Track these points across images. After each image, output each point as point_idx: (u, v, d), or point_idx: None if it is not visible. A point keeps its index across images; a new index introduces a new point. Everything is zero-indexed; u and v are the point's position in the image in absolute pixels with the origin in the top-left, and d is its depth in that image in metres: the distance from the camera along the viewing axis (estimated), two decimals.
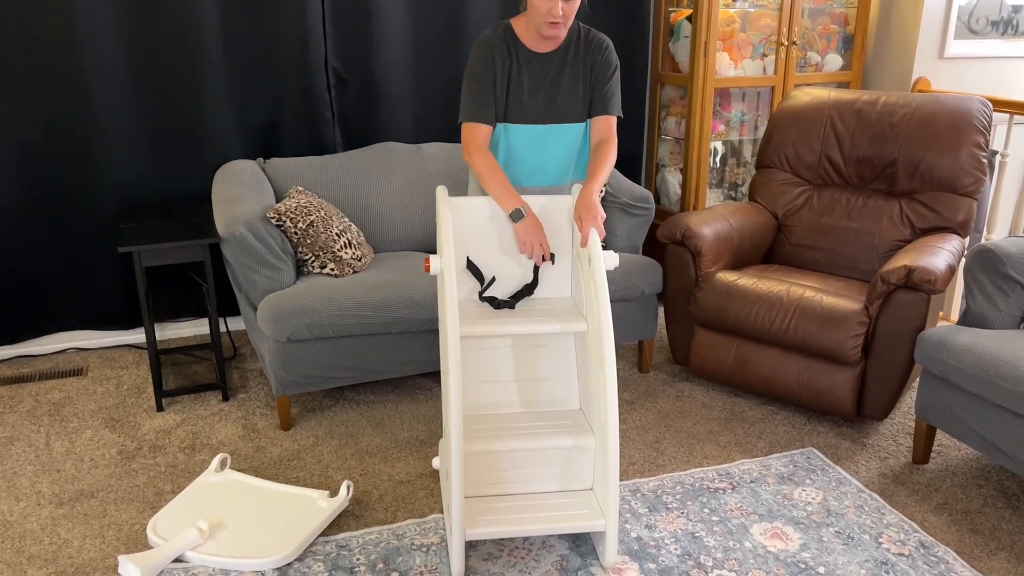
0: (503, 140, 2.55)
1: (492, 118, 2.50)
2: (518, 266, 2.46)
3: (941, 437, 2.99)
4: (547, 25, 2.39)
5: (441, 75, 3.83)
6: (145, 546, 2.38)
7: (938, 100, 3.29)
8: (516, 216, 2.39)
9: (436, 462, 2.66)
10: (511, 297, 2.44)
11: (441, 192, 2.37)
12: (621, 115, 2.61)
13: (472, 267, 2.45)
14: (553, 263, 2.47)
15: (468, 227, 2.44)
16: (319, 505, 2.51)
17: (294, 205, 3.09)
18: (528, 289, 2.45)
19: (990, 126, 3.22)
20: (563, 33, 2.43)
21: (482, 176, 2.44)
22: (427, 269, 2.26)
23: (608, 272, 2.79)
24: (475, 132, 2.48)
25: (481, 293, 2.44)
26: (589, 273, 2.26)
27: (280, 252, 2.99)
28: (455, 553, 2.17)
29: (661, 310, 4.06)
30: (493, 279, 2.46)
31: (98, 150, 3.44)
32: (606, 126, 2.57)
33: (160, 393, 3.15)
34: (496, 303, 2.40)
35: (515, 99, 2.51)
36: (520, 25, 2.50)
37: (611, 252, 2.32)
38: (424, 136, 3.89)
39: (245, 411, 3.15)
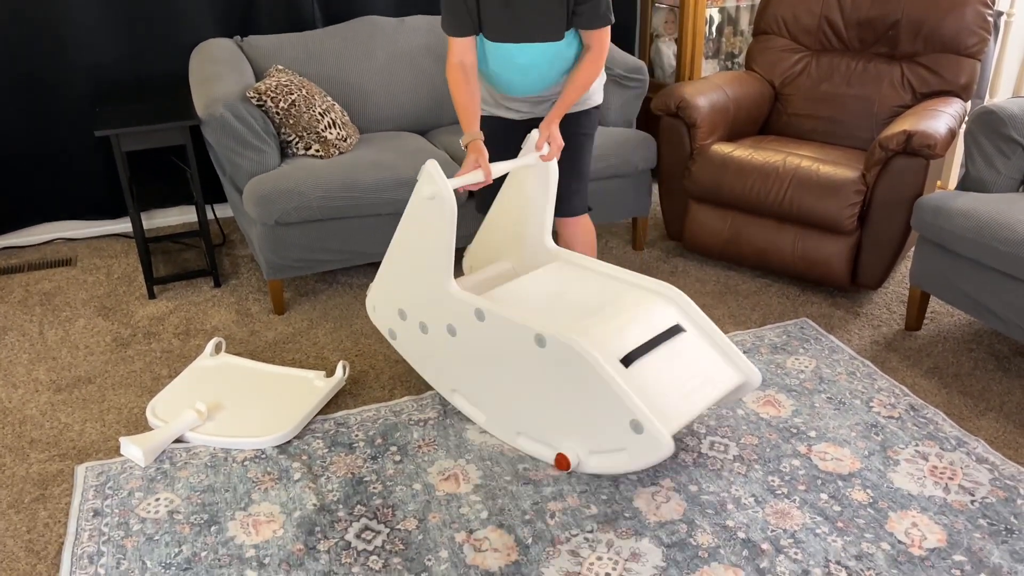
0: (483, 52, 2.43)
1: (465, 28, 2.34)
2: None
3: (934, 304, 3.00)
4: None
5: None
6: (145, 428, 2.41)
7: None
8: (464, 141, 2.41)
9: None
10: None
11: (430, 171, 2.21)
12: (612, 21, 2.35)
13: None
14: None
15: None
16: (316, 385, 2.52)
17: (274, 84, 2.98)
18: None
19: None
20: None
21: (452, 95, 2.43)
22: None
23: None
24: (450, 45, 2.39)
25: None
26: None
27: (263, 133, 2.90)
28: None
29: (655, 186, 4.00)
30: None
31: (67, 32, 3.29)
32: (594, 39, 2.38)
33: (151, 281, 3.12)
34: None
35: (486, 16, 2.33)
36: None
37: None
38: (407, 8, 3.72)
39: (238, 296, 3.14)
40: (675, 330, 2.18)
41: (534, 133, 2.43)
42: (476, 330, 2.23)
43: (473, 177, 2.34)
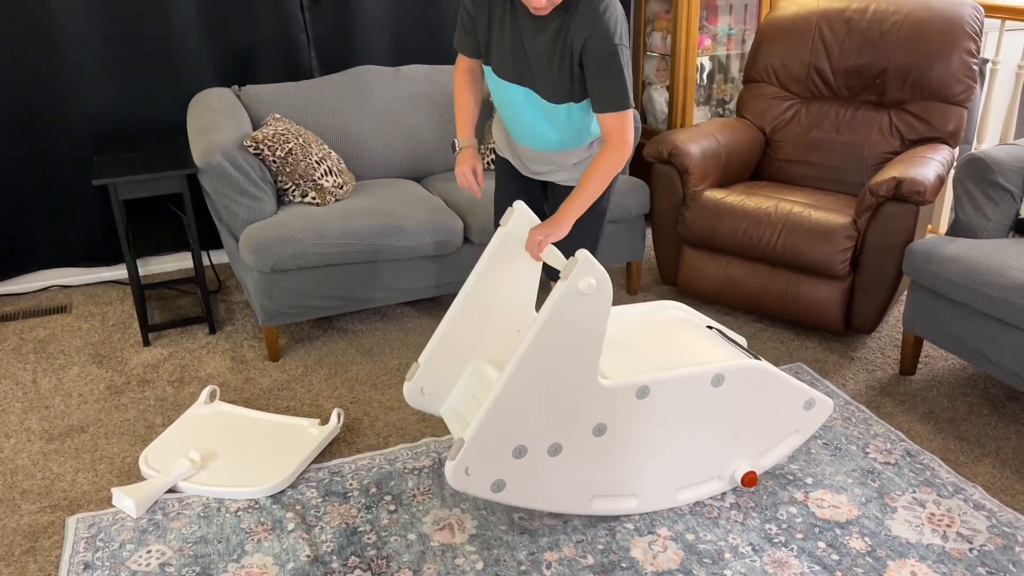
0: (490, 84, 2.34)
1: (470, 50, 2.30)
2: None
3: (928, 348, 3.01)
4: (529, 4, 2.02)
5: None
6: (138, 478, 2.39)
7: (929, 5, 3.20)
8: (453, 147, 2.39)
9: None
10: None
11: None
12: (628, 107, 2.12)
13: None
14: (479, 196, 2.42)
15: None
16: (310, 433, 2.51)
17: (271, 133, 3.01)
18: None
19: (981, 32, 3.15)
20: (543, 9, 2.02)
21: (454, 96, 2.41)
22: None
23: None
24: (457, 57, 2.37)
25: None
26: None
27: (259, 181, 2.93)
28: None
29: (649, 231, 4.03)
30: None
31: (67, 81, 3.33)
32: (606, 124, 2.15)
33: (146, 328, 3.12)
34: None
35: (495, 49, 2.21)
36: None
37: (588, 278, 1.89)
38: (403, 58, 3.78)
39: (233, 343, 3.14)
40: (723, 335, 2.38)
41: (517, 206, 2.22)
42: (633, 412, 2.04)
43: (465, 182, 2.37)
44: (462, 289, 2.23)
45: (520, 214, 2.21)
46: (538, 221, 2.24)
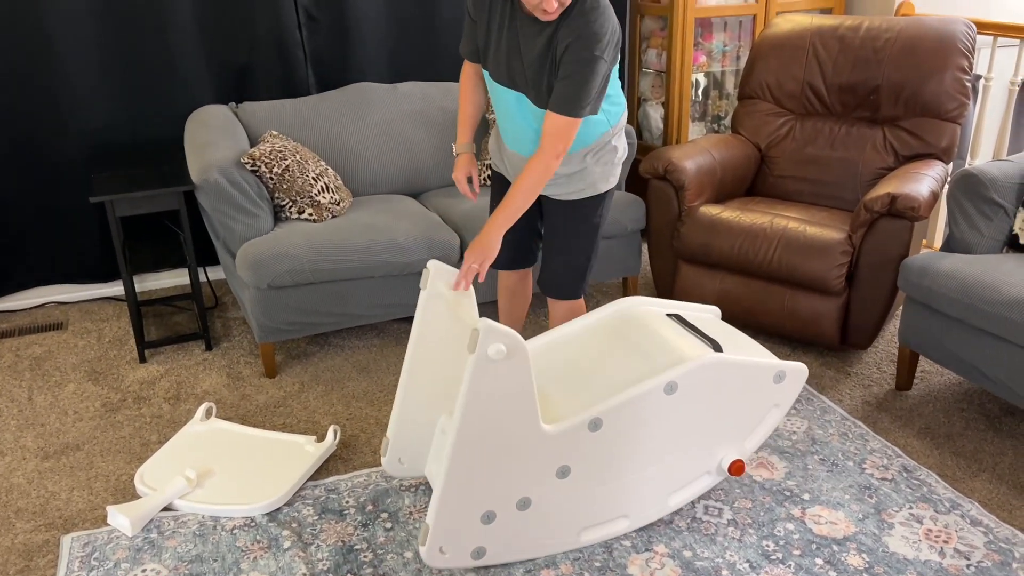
0: (488, 88, 2.36)
1: (474, 56, 2.36)
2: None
3: (924, 363, 3.01)
4: (539, 10, 2.04)
5: (416, 10, 3.72)
6: (133, 496, 2.38)
7: (922, 23, 3.23)
8: (454, 152, 2.47)
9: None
10: None
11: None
12: (578, 116, 2.10)
13: None
14: (475, 199, 2.48)
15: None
16: (306, 450, 2.51)
17: (268, 150, 3.02)
18: None
19: (974, 49, 3.17)
20: (554, 15, 2.05)
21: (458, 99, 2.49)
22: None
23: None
24: (464, 63, 2.43)
25: None
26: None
27: (256, 198, 2.94)
28: None
29: (645, 246, 4.04)
30: None
31: (64, 98, 3.34)
32: (548, 123, 2.12)
33: (142, 344, 3.12)
34: None
35: (492, 53, 2.23)
36: None
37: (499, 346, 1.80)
38: (400, 75, 3.80)
39: (229, 360, 3.13)
40: (679, 317, 2.32)
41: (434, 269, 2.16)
42: (592, 445, 2.00)
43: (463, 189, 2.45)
44: (406, 356, 2.18)
45: (437, 272, 2.15)
46: (456, 274, 2.19)
